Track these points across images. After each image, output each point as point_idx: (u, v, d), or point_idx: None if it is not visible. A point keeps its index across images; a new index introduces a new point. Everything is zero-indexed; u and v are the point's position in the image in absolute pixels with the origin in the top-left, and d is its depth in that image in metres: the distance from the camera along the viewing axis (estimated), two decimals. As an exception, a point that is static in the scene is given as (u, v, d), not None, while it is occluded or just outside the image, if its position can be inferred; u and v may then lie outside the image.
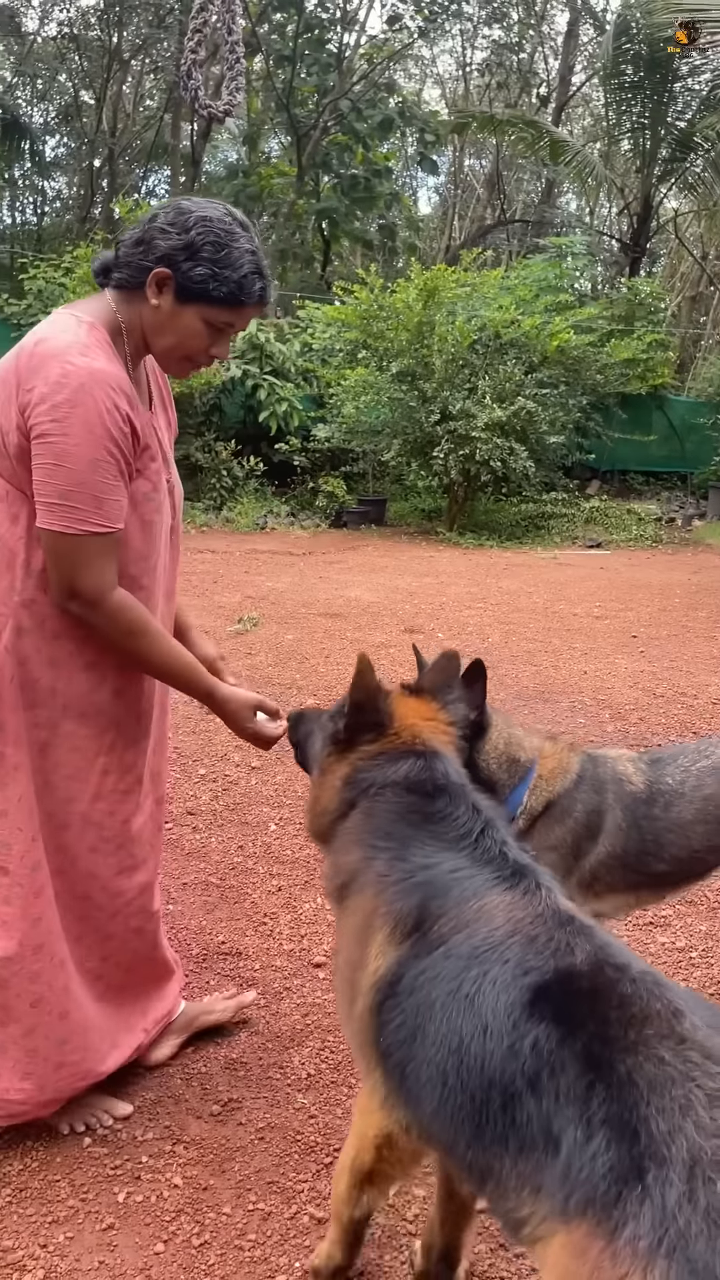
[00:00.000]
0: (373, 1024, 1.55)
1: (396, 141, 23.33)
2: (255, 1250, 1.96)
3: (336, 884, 1.74)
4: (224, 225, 1.94)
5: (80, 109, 26.74)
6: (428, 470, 13.32)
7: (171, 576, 2.28)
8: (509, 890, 1.53)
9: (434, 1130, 1.46)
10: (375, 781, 1.76)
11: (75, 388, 1.84)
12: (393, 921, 1.56)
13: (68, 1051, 2.17)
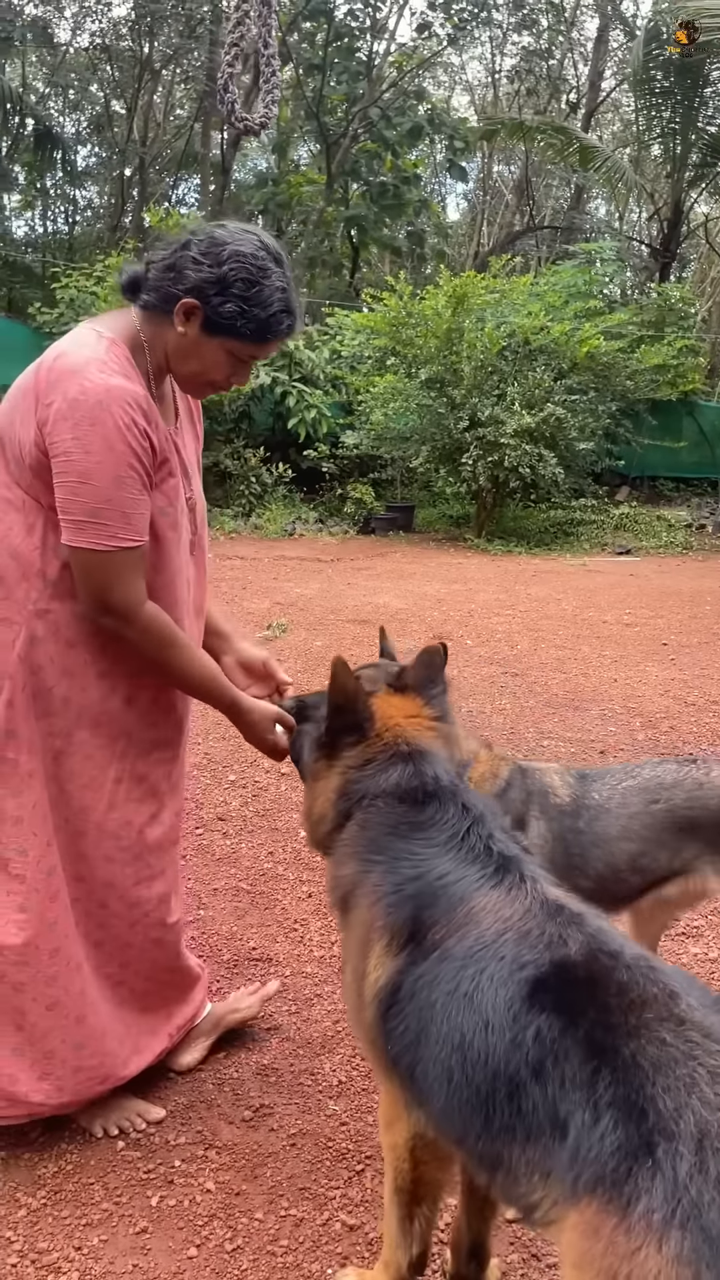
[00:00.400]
0: (380, 1032, 1.59)
1: (425, 148, 23.36)
2: (288, 1256, 1.97)
3: (338, 896, 1.78)
4: (257, 261, 1.93)
5: (111, 119, 27.00)
6: (456, 477, 13.30)
7: (199, 591, 2.28)
8: (495, 888, 1.57)
9: (445, 1125, 1.51)
10: (368, 792, 1.79)
11: (93, 404, 1.85)
12: (389, 934, 1.60)
13: (85, 1055, 2.19)
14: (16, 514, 2.00)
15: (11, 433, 1.97)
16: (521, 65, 24.44)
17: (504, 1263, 1.99)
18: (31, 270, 25.15)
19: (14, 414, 1.97)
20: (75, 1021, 2.16)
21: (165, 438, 2.03)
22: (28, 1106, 2.17)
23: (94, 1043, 2.20)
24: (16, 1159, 2.19)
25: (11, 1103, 2.16)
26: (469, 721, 5.42)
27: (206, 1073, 2.52)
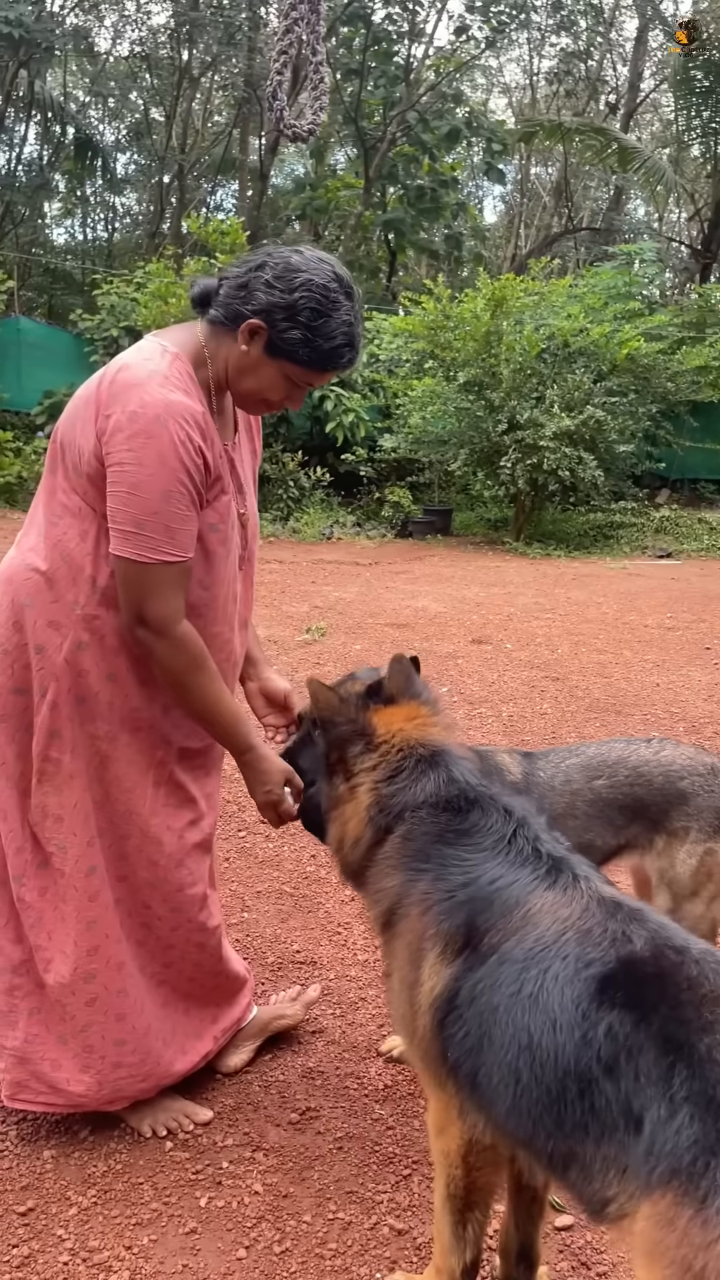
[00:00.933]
0: (437, 1041, 1.59)
1: (463, 151, 23.35)
2: (336, 1260, 1.97)
3: (381, 909, 1.76)
4: (328, 293, 1.94)
5: (150, 126, 27.26)
6: (494, 480, 13.27)
7: (245, 605, 2.30)
8: (549, 889, 1.58)
9: (511, 1128, 1.50)
10: (408, 804, 1.79)
11: (151, 419, 1.88)
12: (443, 941, 1.60)
13: (125, 1052, 2.21)
14: (73, 519, 2.03)
15: (72, 440, 2.00)
16: (560, 67, 24.36)
17: (553, 1270, 1.98)
18: (72, 277, 25.44)
19: (75, 422, 2.00)
20: (115, 1019, 2.19)
21: (220, 454, 2.05)
22: (68, 1097, 2.20)
23: (135, 1040, 2.22)
24: (67, 1158, 2.21)
25: (54, 1090, 2.20)
26: (510, 726, 5.41)
27: (253, 1075, 2.53)
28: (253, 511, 2.26)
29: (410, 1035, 1.68)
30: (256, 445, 2.33)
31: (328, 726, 1.86)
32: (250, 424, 2.29)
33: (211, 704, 2.07)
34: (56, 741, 2.08)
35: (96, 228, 30.96)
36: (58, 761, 2.09)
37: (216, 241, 13.70)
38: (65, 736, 2.08)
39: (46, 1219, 2.03)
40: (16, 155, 25.63)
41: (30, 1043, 2.20)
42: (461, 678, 6.41)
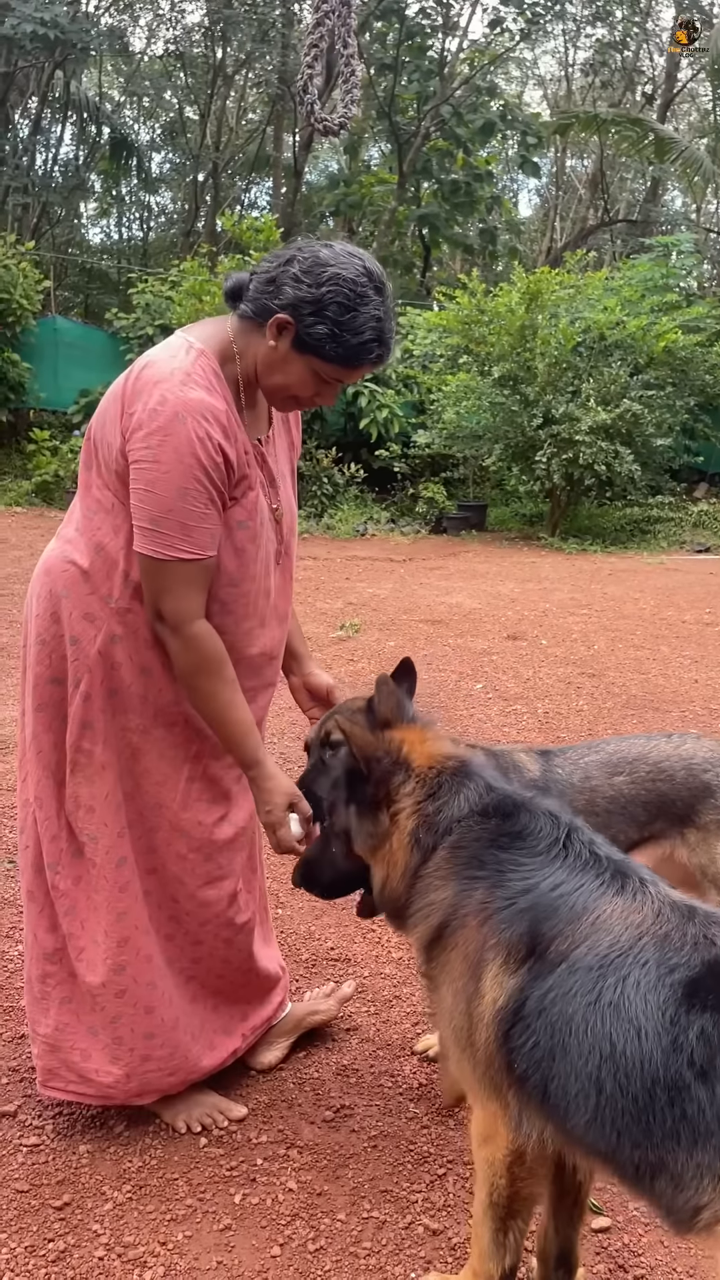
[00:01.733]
0: (501, 1052, 1.55)
1: (497, 145, 23.22)
2: (371, 1259, 1.96)
3: (433, 924, 1.71)
4: (356, 288, 1.91)
5: (185, 125, 27.35)
6: (529, 475, 13.19)
7: (283, 599, 2.28)
8: (618, 895, 1.55)
9: (591, 1139, 1.46)
10: (454, 816, 1.76)
11: (169, 416, 1.87)
12: (505, 950, 1.56)
13: (154, 1046, 2.22)
14: (106, 515, 2.04)
15: (102, 437, 2.01)
16: (596, 58, 24.15)
17: (591, 1273, 1.96)
18: (108, 276, 25.63)
19: (105, 419, 2.00)
20: (144, 1011, 2.20)
21: (244, 451, 2.03)
22: (98, 1088, 2.21)
23: (163, 1034, 2.22)
24: (103, 1153, 2.22)
25: (83, 1080, 2.21)
26: (545, 723, 5.37)
27: (287, 1072, 2.53)
28: (288, 506, 2.24)
29: (467, 1048, 1.63)
30: (295, 438, 2.31)
31: (371, 765, 1.83)
32: (288, 417, 2.27)
33: (220, 710, 2.04)
34: (89, 733, 2.10)
35: (131, 227, 31.16)
36: (90, 753, 2.10)
37: (251, 239, 13.72)
38: (98, 728, 2.09)
39: (82, 1213, 2.04)
40: (53, 156, 25.87)
41: (61, 1031, 2.21)
42: (496, 674, 6.37)
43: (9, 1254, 1.93)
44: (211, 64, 24.70)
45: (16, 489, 12.94)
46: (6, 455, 14.38)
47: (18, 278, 14.15)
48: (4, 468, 14.09)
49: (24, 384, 14.48)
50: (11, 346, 14.19)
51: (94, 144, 25.41)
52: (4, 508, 12.28)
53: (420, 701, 5.72)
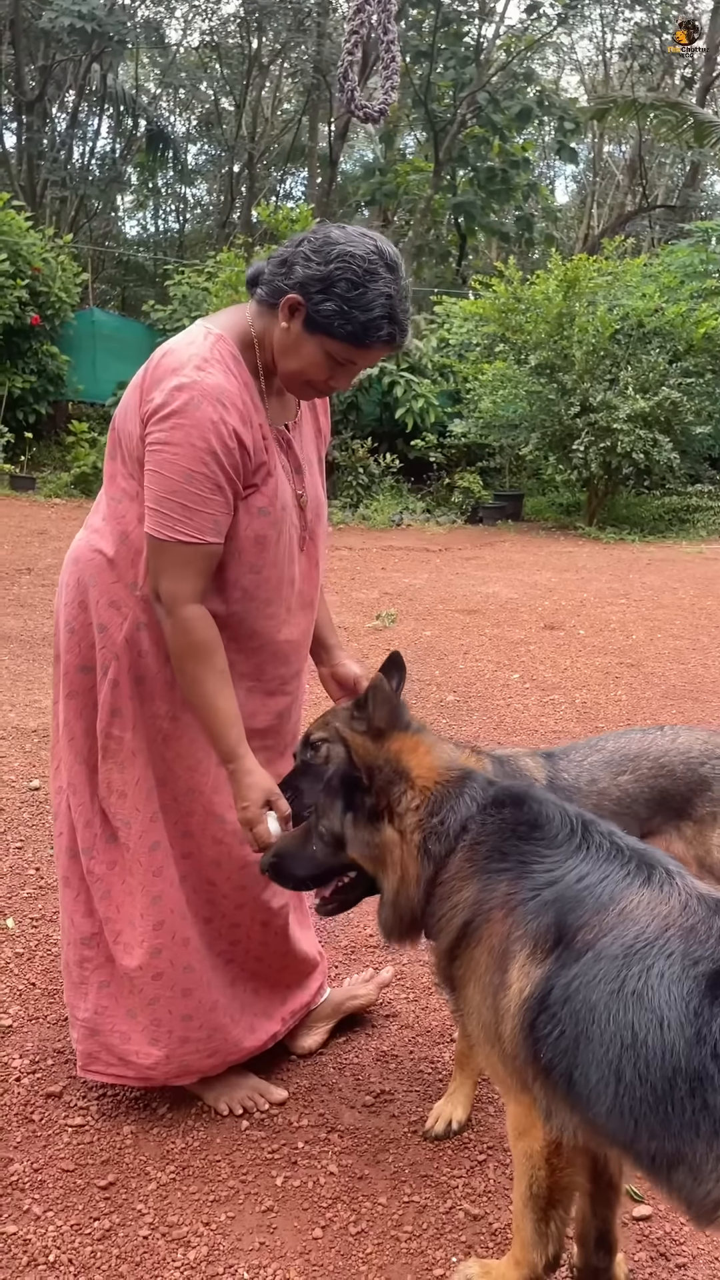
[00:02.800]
0: (527, 1042, 1.55)
1: (534, 131, 23.01)
2: (412, 1242, 1.98)
3: (458, 924, 1.69)
4: (365, 264, 1.89)
5: (220, 116, 27.39)
6: (567, 464, 13.10)
7: (309, 585, 2.27)
8: (644, 886, 1.54)
9: (610, 1128, 1.46)
10: (462, 820, 1.75)
11: (185, 401, 1.89)
12: (532, 941, 1.56)
13: (192, 1028, 2.24)
14: (131, 503, 2.06)
15: (124, 427, 2.04)
16: (634, 41, 23.84)
17: (631, 1260, 1.96)
18: (144, 269, 25.72)
19: (126, 410, 2.03)
20: (181, 993, 2.22)
21: (262, 437, 2.03)
22: (138, 1070, 2.24)
23: (201, 1016, 2.25)
24: (146, 1134, 2.24)
25: (123, 1063, 2.24)
26: (583, 713, 5.34)
27: (327, 1057, 2.54)
28: (314, 493, 2.24)
29: (494, 1041, 1.63)
30: (323, 425, 2.31)
31: (372, 774, 1.80)
32: (315, 404, 2.27)
33: (204, 697, 2.02)
34: (118, 719, 2.12)
35: (168, 219, 31.27)
36: (119, 739, 2.13)
37: (287, 229, 13.72)
38: (126, 714, 2.12)
39: (127, 1193, 2.07)
40: (90, 149, 26.00)
41: (100, 1015, 2.24)
42: (533, 664, 6.35)
43: (56, 1232, 1.96)
44: (247, 54, 24.70)
45: (56, 481, 13.05)
46: (46, 447, 14.50)
47: (56, 271, 14.26)
48: (43, 460, 14.21)
49: (63, 376, 14.60)
50: (50, 339, 14.30)
51: (130, 137, 25.53)
52: (44, 499, 12.40)
53: (458, 691, 5.73)
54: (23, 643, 6.17)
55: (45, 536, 9.83)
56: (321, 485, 2.30)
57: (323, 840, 1.87)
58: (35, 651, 5.98)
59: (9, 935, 2.99)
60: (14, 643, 6.16)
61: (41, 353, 14.07)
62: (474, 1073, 2.31)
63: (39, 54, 22.13)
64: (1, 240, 13.21)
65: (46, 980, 2.77)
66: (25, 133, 22.65)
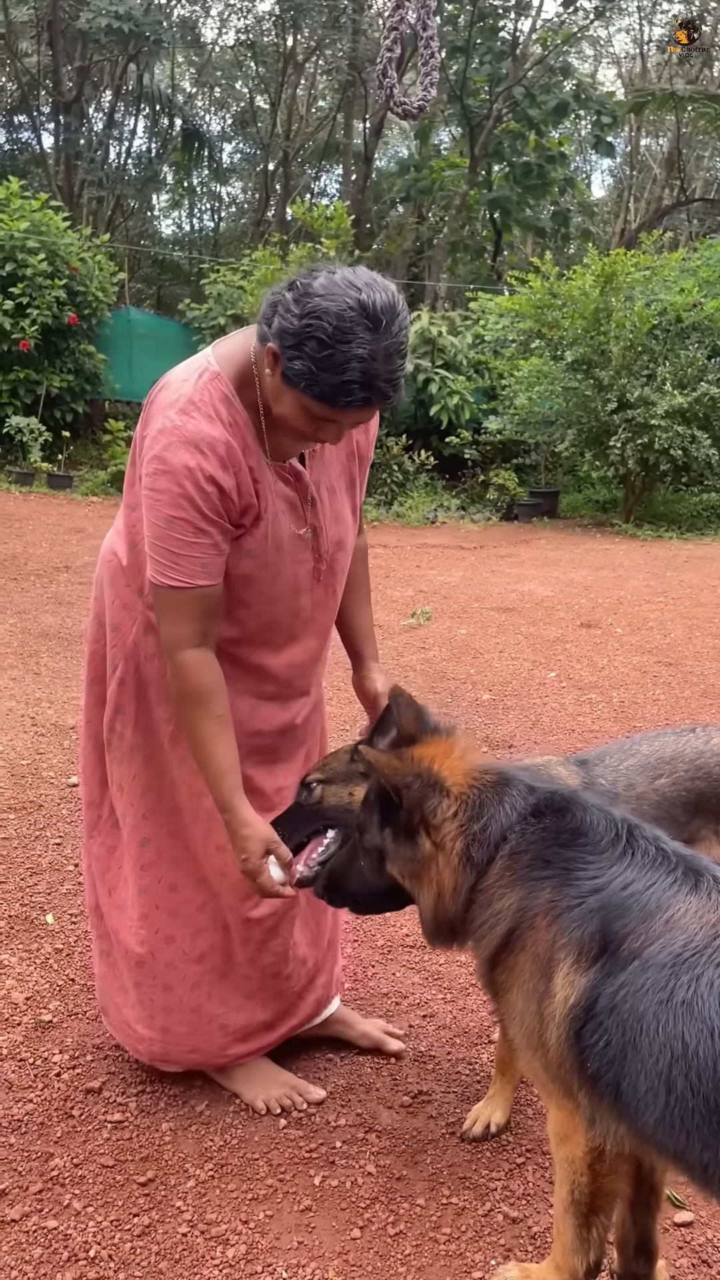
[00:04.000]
0: (572, 1051, 1.53)
1: (570, 125, 22.84)
2: (450, 1244, 1.97)
3: (501, 932, 1.66)
4: (338, 323, 1.74)
5: (255, 114, 27.44)
6: (603, 460, 13.00)
7: (323, 613, 2.24)
8: (691, 894, 1.51)
9: (660, 1138, 1.44)
10: (504, 827, 1.71)
11: (165, 445, 1.89)
12: (577, 949, 1.54)
13: (173, 1021, 2.28)
14: (137, 513, 2.07)
15: (140, 439, 2.04)
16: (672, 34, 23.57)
17: (672, 1266, 1.94)
18: (179, 267, 25.83)
19: (141, 423, 2.04)
20: (162, 988, 2.27)
21: (253, 480, 1.99)
22: (132, 1042, 2.35)
23: (181, 1013, 2.28)
24: (185, 1131, 2.25)
25: (123, 1029, 2.37)
26: (621, 712, 5.30)
27: (364, 1057, 2.54)
28: (334, 521, 2.18)
29: (537, 1048, 1.61)
30: (360, 447, 2.23)
31: (401, 792, 1.76)
32: None
33: (200, 745, 2.01)
34: (121, 716, 2.17)
35: (203, 218, 31.38)
36: (121, 734, 2.19)
37: (322, 226, 13.73)
38: (128, 712, 2.17)
39: (165, 1190, 2.08)
40: (126, 149, 26.16)
41: (104, 980, 2.39)
42: (570, 663, 6.31)
43: (96, 1227, 1.97)
44: (282, 52, 24.72)
45: (93, 479, 13.15)
46: (83, 446, 14.61)
47: (94, 270, 14.36)
48: (81, 458, 14.33)
49: (99, 375, 14.71)
50: (88, 338, 14.41)
51: (166, 136, 25.65)
52: (80, 497, 12.50)
53: (493, 690, 5.70)
54: (61, 640, 6.23)
55: (82, 534, 9.91)
56: (350, 512, 2.24)
57: (367, 854, 1.86)
58: (74, 649, 6.03)
59: (49, 931, 3.02)
60: (52, 640, 6.21)
61: (79, 352, 14.18)
62: (514, 1077, 2.29)
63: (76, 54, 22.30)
64: (40, 240, 13.33)
65: (85, 976, 2.79)
66: (63, 133, 22.84)
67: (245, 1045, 2.36)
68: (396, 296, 1.80)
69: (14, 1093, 2.34)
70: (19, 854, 3.47)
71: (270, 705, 2.22)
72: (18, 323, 12.99)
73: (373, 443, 2.29)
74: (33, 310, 13.06)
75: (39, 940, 2.96)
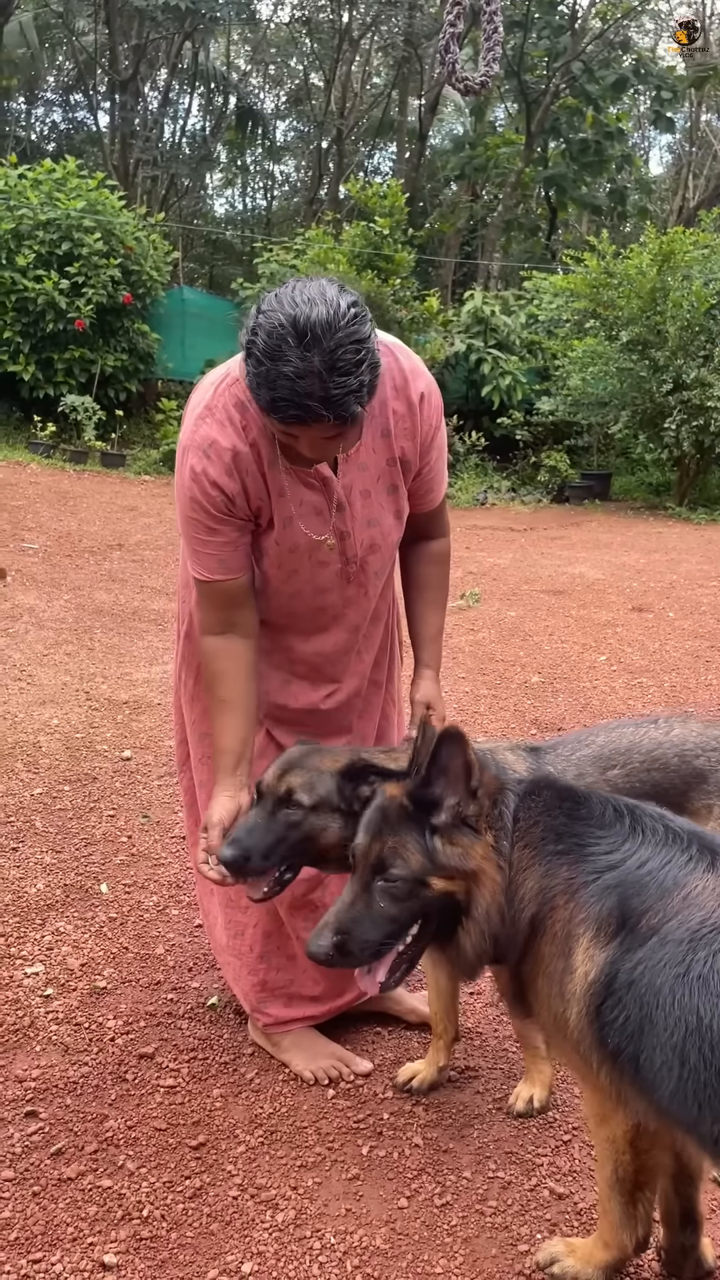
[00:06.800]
0: (593, 1028, 1.54)
1: (628, 101, 22.43)
2: (497, 1217, 1.99)
3: (526, 919, 1.64)
4: (269, 340, 1.75)
5: (310, 91, 27.28)
6: (657, 442, 12.83)
7: (356, 611, 2.27)
8: (709, 872, 1.52)
9: (674, 1112, 1.46)
10: (514, 810, 1.72)
11: (181, 449, 2.04)
12: (595, 925, 1.55)
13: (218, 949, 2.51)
14: None
15: None
16: None
17: (718, 1245, 1.94)
18: (232, 246, 25.84)
19: None
20: (232, 935, 2.45)
21: (264, 486, 2.04)
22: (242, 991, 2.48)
23: (222, 954, 2.49)
24: (235, 1098, 2.30)
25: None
26: (672, 697, 5.26)
27: (412, 1032, 2.56)
28: (364, 528, 2.18)
29: (561, 1027, 1.62)
30: (400, 451, 2.17)
31: (446, 775, 1.70)
32: (393, 428, 2.14)
33: (211, 718, 2.17)
34: (186, 665, 2.36)
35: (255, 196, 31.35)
36: (185, 683, 2.38)
37: (377, 205, 13.64)
38: (191, 665, 2.33)
39: (217, 1154, 2.12)
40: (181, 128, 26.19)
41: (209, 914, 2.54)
42: (621, 646, 6.26)
43: (149, 1187, 2.02)
44: (338, 28, 24.51)
45: (145, 458, 13.25)
46: (136, 425, 14.71)
47: (148, 250, 14.40)
48: (133, 437, 14.43)
49: (153, 355, 14.77)
50: (142, 318, 14.48)
51: (220, 114, 25.62)
52: (133, 476, 12.60)
53: (542, 673, 5.66)
54: (115, 617, 6.31)
55: (135, 513, 10.00)
56: (392, 516, 2.22)
57: (394, 888, 1.69)
58: (127, 625, 6.11)
59: (103, 900, 3.08)
60: (106, 616, 6.30)
61: (133, 331, 14.25)
62: (543, 1051, 2.30)
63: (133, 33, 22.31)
64: (96, 220, 13.40)
65: (139, 945, 2.85)
66: (118, 112, 22.90)
67: (289, 1010, 2.42)
68: (342, 313, 1.75)
69: (70, 1056, 2.40)
70: (74, 825, 3.54)
71: (300, 684, 2.32)
72: (73, 302, 13.08)
73: (423, 450, 2.20)
74: (88, 289, 13.14)
75: (94, 909, 3.02)
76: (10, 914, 2.96)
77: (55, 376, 13.40)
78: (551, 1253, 1.84)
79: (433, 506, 2.34)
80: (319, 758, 2.05)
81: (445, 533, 2.43)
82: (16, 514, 9.00)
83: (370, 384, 1.84)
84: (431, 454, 2.24)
